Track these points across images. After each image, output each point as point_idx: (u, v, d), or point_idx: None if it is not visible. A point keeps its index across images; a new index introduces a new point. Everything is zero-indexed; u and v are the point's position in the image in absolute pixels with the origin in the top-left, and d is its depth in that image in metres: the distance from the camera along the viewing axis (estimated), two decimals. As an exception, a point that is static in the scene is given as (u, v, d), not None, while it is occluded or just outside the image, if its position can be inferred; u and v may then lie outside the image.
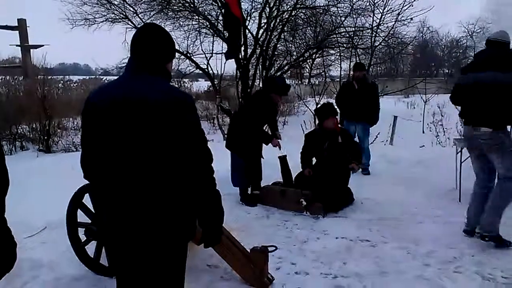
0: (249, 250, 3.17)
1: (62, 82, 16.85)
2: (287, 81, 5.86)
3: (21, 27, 16.92)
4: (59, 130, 11.10)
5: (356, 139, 6.84)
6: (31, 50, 16.51)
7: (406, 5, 12.55)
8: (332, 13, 13.59)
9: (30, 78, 12.32)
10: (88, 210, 3.33)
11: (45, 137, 10.27)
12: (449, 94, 4.13)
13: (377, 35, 13.56)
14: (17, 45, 17.08)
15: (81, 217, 3.41)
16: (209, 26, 14.10)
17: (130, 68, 1.91)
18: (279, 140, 5.29)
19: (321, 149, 5.20)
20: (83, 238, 3.35)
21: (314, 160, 5.42)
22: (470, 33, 46.55)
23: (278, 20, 13.97)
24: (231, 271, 3.25)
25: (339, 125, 5.46)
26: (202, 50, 14.52)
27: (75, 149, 9.91)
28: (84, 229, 3.31)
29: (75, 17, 13.72)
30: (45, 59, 13.11)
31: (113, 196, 1.85)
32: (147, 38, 1.91)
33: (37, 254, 3.59)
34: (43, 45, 16.42)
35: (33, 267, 3.36)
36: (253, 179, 5.30)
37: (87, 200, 3.35)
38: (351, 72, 7.29)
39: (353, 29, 13.72)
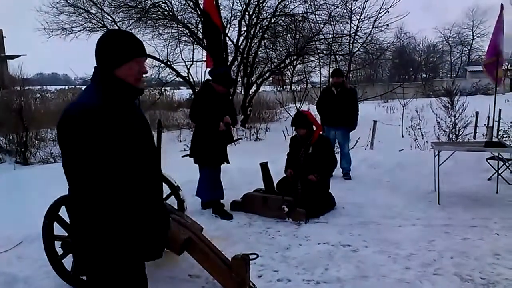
0: (230, 259, 3.15)
1: (39, 92, 16.60)
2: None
3: (-3, 37, 16.64)
4: (36, 142, 10.89)
5: (336, 144, 6.92)
6: (8, 60, 16.24)
7: (382, 12, 12.81)
8: (311, 20, 13.77)
9: (7, 89, 12.09)
10: (65, 223, 3.26)
11: (22, 149, 10.08)
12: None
13: (355, 41, 13.76)
14: (-7, 56, 16.84)
15: (58, 230, 3.34)
16: (189, 34, 14.10)
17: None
18: (228, 121, 4.91)
19: (298, 156, 5.25)
20: (60, 251, 3.27)
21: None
22: (446, 38, 47.81)
23: (258, 28, 14.07)
24: (213, 280, 3.22)
25: (320, 133, 5.45)
26: (182, 58, 14.51)
27: (53, 161, 9.72)
28: (60, 242, 3.24)
29: (51, 26, 13.58)
30: (22, 69, 12.90)
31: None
32: (96, 45, 1.85)
33: (13, 269, 3.49)
34: (20, 55, 16.18)
35: (9, 283, 3.26)
36: (218, 189, 5.07)
37: (63, 212, 3.30)
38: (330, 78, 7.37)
39: (332, 36, 13.92)
